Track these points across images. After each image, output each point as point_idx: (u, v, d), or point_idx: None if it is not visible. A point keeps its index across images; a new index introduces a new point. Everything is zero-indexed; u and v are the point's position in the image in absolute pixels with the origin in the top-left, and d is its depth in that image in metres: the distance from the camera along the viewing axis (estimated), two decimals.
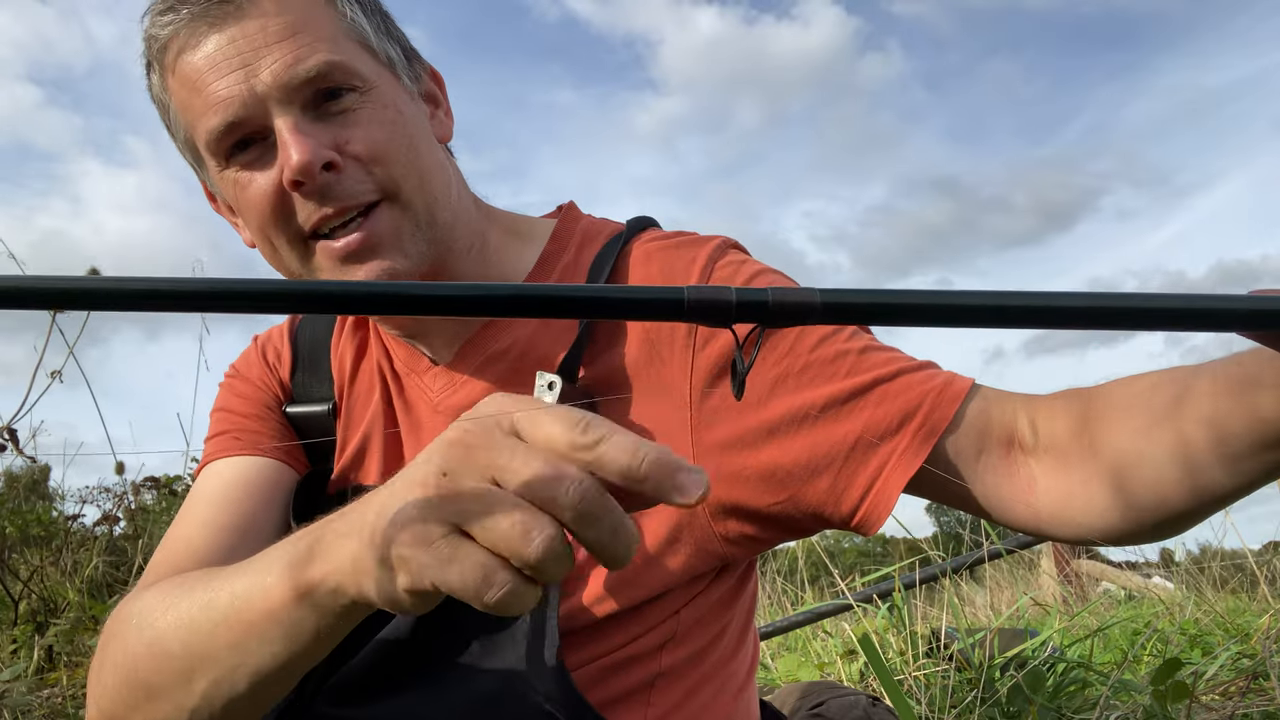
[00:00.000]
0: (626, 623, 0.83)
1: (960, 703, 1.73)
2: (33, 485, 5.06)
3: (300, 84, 0.77)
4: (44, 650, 2.51)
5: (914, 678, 1.84)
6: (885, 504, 0.77)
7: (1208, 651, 2.28)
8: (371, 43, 0.82)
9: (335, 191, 0.77)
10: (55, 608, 2.90)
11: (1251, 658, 2.05)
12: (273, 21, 0.77)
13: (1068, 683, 1.83)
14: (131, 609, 0.78)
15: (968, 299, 0.40)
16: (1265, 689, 1.75)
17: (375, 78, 0.81)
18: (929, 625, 2.37)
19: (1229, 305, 0.41)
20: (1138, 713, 1.65)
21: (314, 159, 0.75)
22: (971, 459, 0.75)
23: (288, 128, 0.76)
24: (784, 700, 1.50)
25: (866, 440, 0.76)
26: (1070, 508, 0.72)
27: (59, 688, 2.23)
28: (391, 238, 0.79)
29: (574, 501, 0.50)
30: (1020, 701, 1.71)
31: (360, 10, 0.83)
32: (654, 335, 0.83)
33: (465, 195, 0.89)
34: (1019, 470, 0.74)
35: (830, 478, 0.78)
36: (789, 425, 0.78)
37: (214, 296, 0.39)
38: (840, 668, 2.18)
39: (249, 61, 0.76)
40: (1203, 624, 2.67)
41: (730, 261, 0.85)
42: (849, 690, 1.46)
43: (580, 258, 0.89)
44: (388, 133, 0.79)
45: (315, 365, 0.99)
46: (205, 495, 0.91)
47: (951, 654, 1.91)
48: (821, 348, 0.79)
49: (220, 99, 0.76)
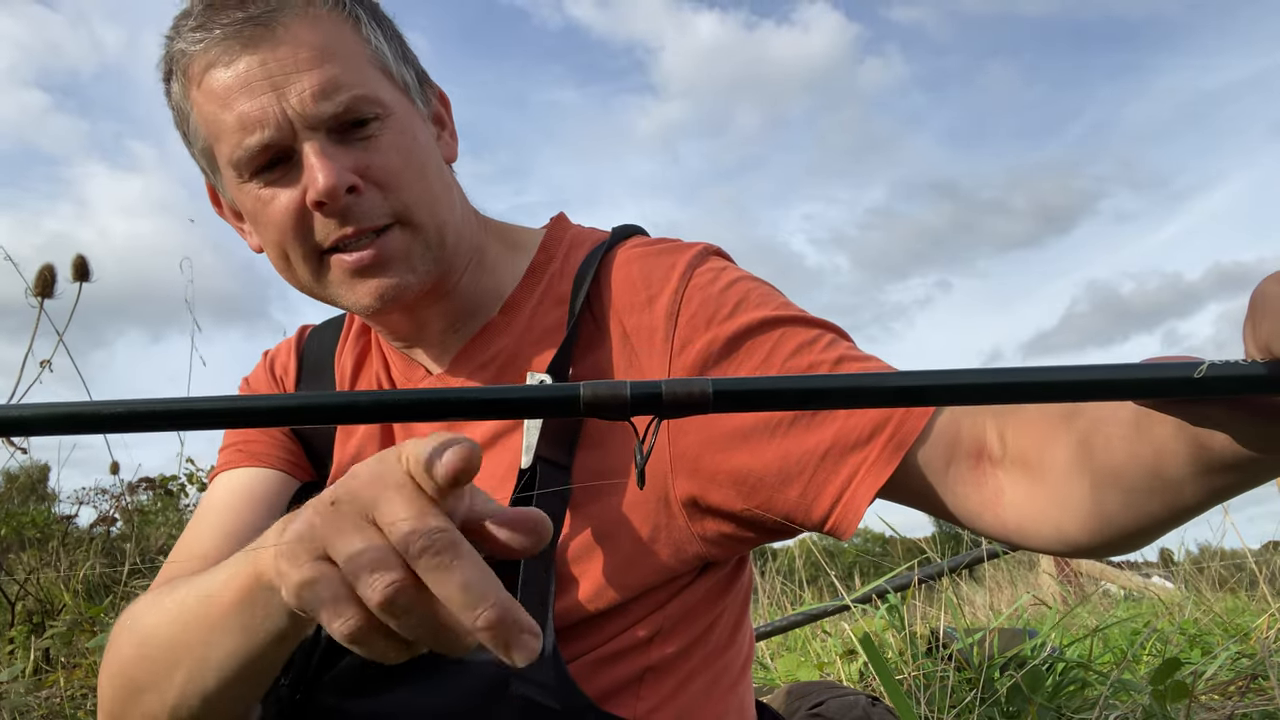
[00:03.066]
0: (613, 618, 0.85)
1: (960, 702, 1.73)
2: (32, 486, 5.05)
3: (330, 115, 0.80)
4: (41, 652, 2.50)
5: (913, 677, 1.84)
6: (854, 513, 0.78)
7: (1207, 651, 2.27)
8: (391, 69, 0.86)
9: (354, 213, 0.82)
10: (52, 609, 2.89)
11: (1250, 657, 2.05)
12: (304, 48, 0.80)
13: (1067, 682, 1.83)
14: (129, 612, 0.81)
15: (849, 381, 0.44)
16: (1264, 689, 1.75)
17: (394, 104, 0.85)
18: (928, 625, 2.37)
19: (1124, 376, 0.43)
20: (1137, 712, 1.64)
21: (339, 183, 0.79)
22: (941, 469, 0.76)
23: (314, 152, 0.80)
24: (783, 700, 1.50)
25: (837, 450, 0.77)
26: (1032, 520, 0.72)
27: (56, 689, 2.22)
28: (401, 256, 0.84)
29: (412, 567, 0.50)
30: (1020, 701, 1.71)
31: (382, 37, 0.87)
32: (633, 337, 0.86)
33: (468, 211, 0.93)
34: (987, 481, 0.74)
35: (800, 486, 0.79)
36: (761, 432, 0.80)
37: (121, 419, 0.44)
38: (840, 668, 2.18)
39: (279, 85, 0.79)
40: (1202, 624, 2.67)
41: (709, 269, 0.87)
42: (848, 690, 1.46)
43: (566, 266, 0.92)
44: (404, 159, 0.83)
45: (319, 376, 1.03)
46: (213, 504, 0.96)
47: (951, 654, 1.91)
48: (797, 357, 0.81)
49: (252, 119, 0.80)
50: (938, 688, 1.74)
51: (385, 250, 0.83)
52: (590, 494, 0.84)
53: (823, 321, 0.84)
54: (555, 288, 0.92)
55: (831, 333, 0.83)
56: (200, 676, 0.71)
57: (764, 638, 2.51)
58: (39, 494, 4.81)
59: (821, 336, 0.82)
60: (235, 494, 0.95)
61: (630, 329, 0.86)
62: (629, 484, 0.84)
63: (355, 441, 0.99)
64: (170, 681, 0.72)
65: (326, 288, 0.86)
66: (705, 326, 0.83)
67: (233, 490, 0.96)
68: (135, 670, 0.76)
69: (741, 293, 0.85)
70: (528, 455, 0.82)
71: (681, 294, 0.85)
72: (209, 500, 0.97)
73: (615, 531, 0.84)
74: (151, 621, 0.76)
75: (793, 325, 0.82)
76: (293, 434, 1.01)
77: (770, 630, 2.45)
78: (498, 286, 0.93)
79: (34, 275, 2.70)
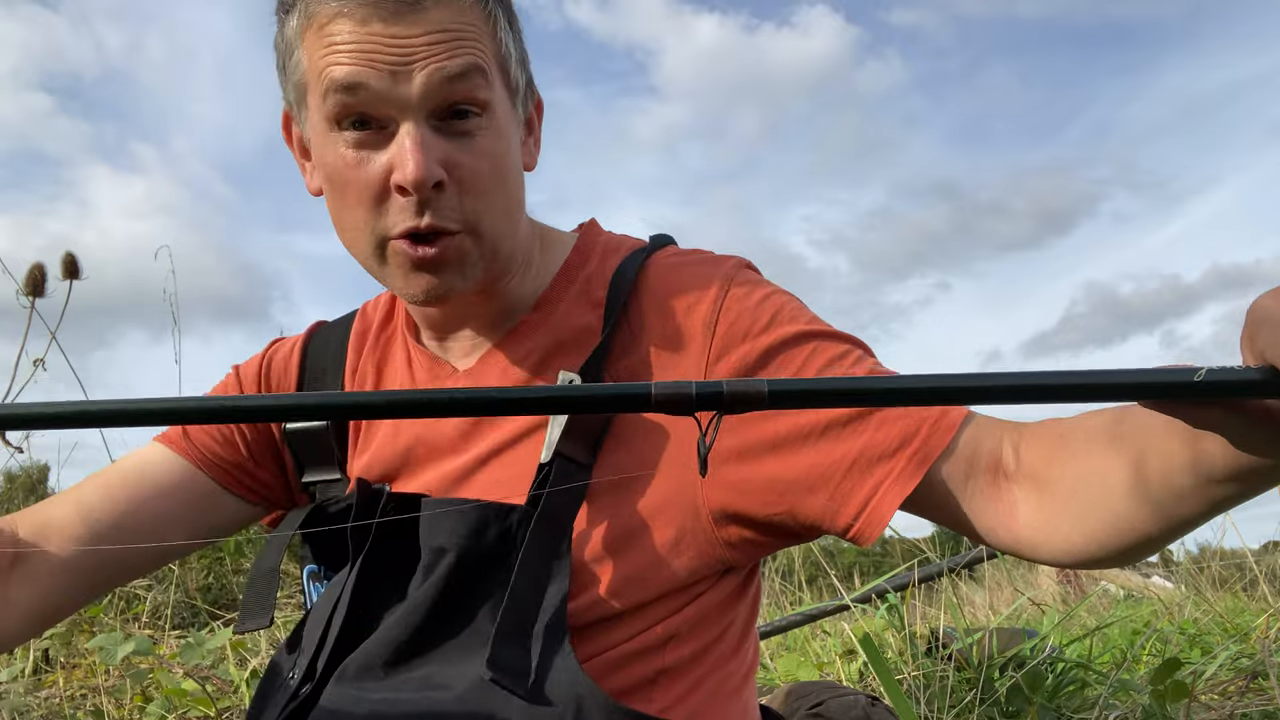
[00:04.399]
0: (631, 620, 0.85)
1: (959, 702, 1.73)
2: (31, 486, 5.05)
3: (441, 82, 0.79)
4: (40, 652, 2.50)
5: (913, 677, 1.84)
6: (879, 522, 0.80)
7: (1207, 651, 2.27)
8: (511, 70, 0.86)
9: (433, 208, 0.81)
10: None
11: (1250, 657, 2.05)
12: (434, 31, 0.79)
13: (1067, 682, 1.83)
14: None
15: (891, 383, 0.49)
16: (1264, 688, 1.75)
17: (499, 105, 0.84)
18: (928, 625, 2.37)
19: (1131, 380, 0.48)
20: (1136, 712, 1.64)
21: (429, 176, 0.79)
22: (960, 484, 0.79)
23: (411, 136, 0.79)
24: (782, 700, 1.50)
25: (864, 461, 0.80)
26: (1042, 533, 0.75)
27: (56, 689, 2.23)
28: (456, 260, 0.84)
29: None
30: (1019, 701, 1.71)
31: (512, 37, 0.86)
32: (669, 343, 0.88)
33: (525, 221, 0.94)
34: (1003, 496, 0.77)
35: (827, 494, 0.81)
36: (793, 441, 0.82)
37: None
38: (839, 668, 2.18)
39: (399, 61, 0.78)
40: (1202, 624, 2.68)
41: (745, 282, 0.90)
42: (848, 690, 1.46)
43: (600, 270, 0.94)
44: (492, 167, 0.84)
45: (323, 374, 1.03)
46: (122, 468, 0.98)
47: (951, 654, 1.91)
48: (829, 370, 0.83)
49: (357, 81, 0.79)
50: (937, 688, 1.74)
51: (446, 253, 0.83)
52: (614, 494, 0.85)
53: (850, 337, 0.87)
54: (589, 290, 0.93)
55: (859, 349, 0.86)
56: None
57: (764, 638, 2.51)
58: (39, 494, 4.82)
59: (851, 351, 0.85)
60: (145, 471, 0.97)
61: (667, 335, 0.88)
62: (655, 485, 0.85)
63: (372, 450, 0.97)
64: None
65: (383, 266, 0.86)
66: (742, 339, 0.85)
67: (148, 464, 0.98)
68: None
69: (776, 307, 0.87)
70: (548, 450, 0.83)
71: (720, 305, 0.87)
72: (124, 462, 0.99)
73: (640, 532, 0.85)
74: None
75: (824, 340, 0.85)
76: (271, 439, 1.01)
77: (770, 630, 2.45)
78: (534, 286, 0.95)
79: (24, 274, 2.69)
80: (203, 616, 3.14)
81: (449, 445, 0.92)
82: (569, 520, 0.82)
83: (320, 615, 0.86)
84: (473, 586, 0.82)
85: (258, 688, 0.89)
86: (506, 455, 0.88)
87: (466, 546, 0.81)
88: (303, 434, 1.00)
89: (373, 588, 0.85)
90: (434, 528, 0.83)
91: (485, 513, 0.82)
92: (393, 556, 0.86)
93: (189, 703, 2.00)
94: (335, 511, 0.92)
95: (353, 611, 0.84)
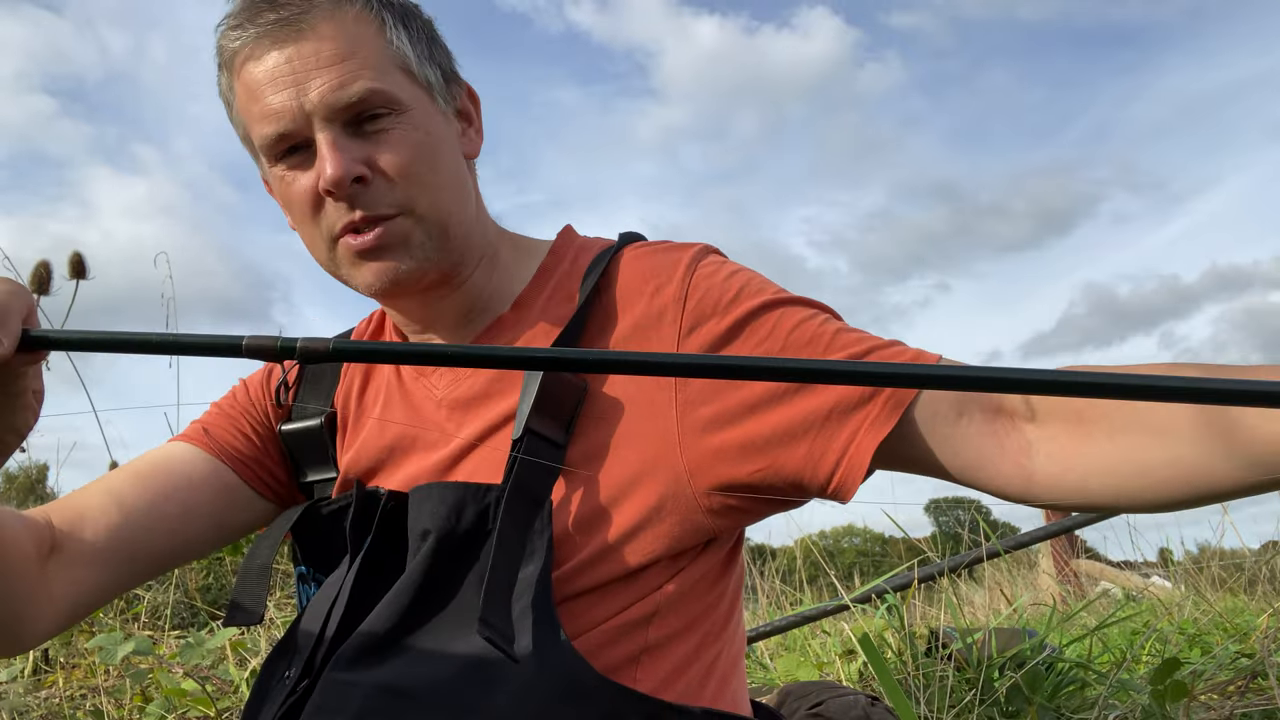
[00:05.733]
0: (614, 594, 0.87)
1: (959, 702, 1.73)
2: (31, 486, 5.05)
3: (342, 107, 0.87)
4: (40, 652, 2.50)
5: (913, 677, 1.84)
6: (858, 469, 0.81)
7: (1206, 651, 2.28)
8: (412, 68, 0.92)
9: (362, 201, 0.88)
10: None
11: (1250, 657, 2.05)
12: (326, 46, 0.87)
13: (1066, 682, 1.83)
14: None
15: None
16: (1263, 688, 1.75)
17: (411, 101, 0.91)
18: (928, 625, 2.37)
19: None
20: (1136, 712, 1.65)
21: (346, 173, 0.86)
22: (950, 420, 0.79)
23: (326, 143, 0.87)
24: (782, 700, 1.50)
25: (839, 410, 0.82)
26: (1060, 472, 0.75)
27: (55, 689, 2.22)
28: (400, 242, 0.90)
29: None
30: (1019, 701, 1.71)
31: (406, 37, 0.92)
32: (642, 323, 0.91)
33: (482, 213, 1.00)
34: (1010, 433, 0.77)
35: (807, 444, 0.83)
36: (767, 402, 0.85)
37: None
38: (839, 667, 2.18)
39: (301, 81, 0.87)
40: (1201, 624, 2.68)
41: (711, 262, 0.94)
42: (848, 690, 1.46)
43: (575, 267, 0.99)
44: (413, 154, 0.89)
45: (318, 382, 1.08)
46: (150, 459, 1.01)
47: (950, 654, 1.91)
48: (798, 330, 0.87)
49: (274, 110, 0.87)
50: (937, 688, 1.74)
51: (387, 235, 0.89)
52: (594, 468, 0.88)
53: (816, 302, 0.91)
54: (564, 286, 0.98)
55: (826, 312, 0.90)
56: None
57: (763, 637, 2.51)
58: (38, 494, 4.82)
59: (817, 315, 0.88)
60: (172, 465, 1.00)
61: (639, 316, 0.92)
62: (634, 458, 0.87)
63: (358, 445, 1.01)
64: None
65: (339, 268, 0.93)
66: (711, 313, 0.89)
67: (174, 458, 1.00)
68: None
69: (742, 281, 0.91)
70: (519, 427, 0.86)
71: (688, 283, 0.91)
72: (150, 455, 1.02)
73: (622, 502, 0.87)
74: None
75: (790, 305, 0.89)
76: (277, 442, 1.05)
77: (770, 630, 2.45)
78: (510, 286, 1.00)
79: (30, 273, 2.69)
80: (202, 617, 3.14)
81: (433, 438, 0.95)
82: (544, 494, 0.85)
83: (317, 614, 0.86)
84: (455, 566, 0.84)
85: (253, 689, 0.89)
86: (490, 442, 0.91)
87: (446, 527, 0.83)
88: (299, 433, 1.04)
89: (369, 587, 0.86)
90: (418, 514, 0.85)
91: (463, 493, 0.84)
92: (387, 555, 0.87)
93: (189, 703, 2.01)
94: (328, 512, 0.94)
95: (351, 609, 0.85)
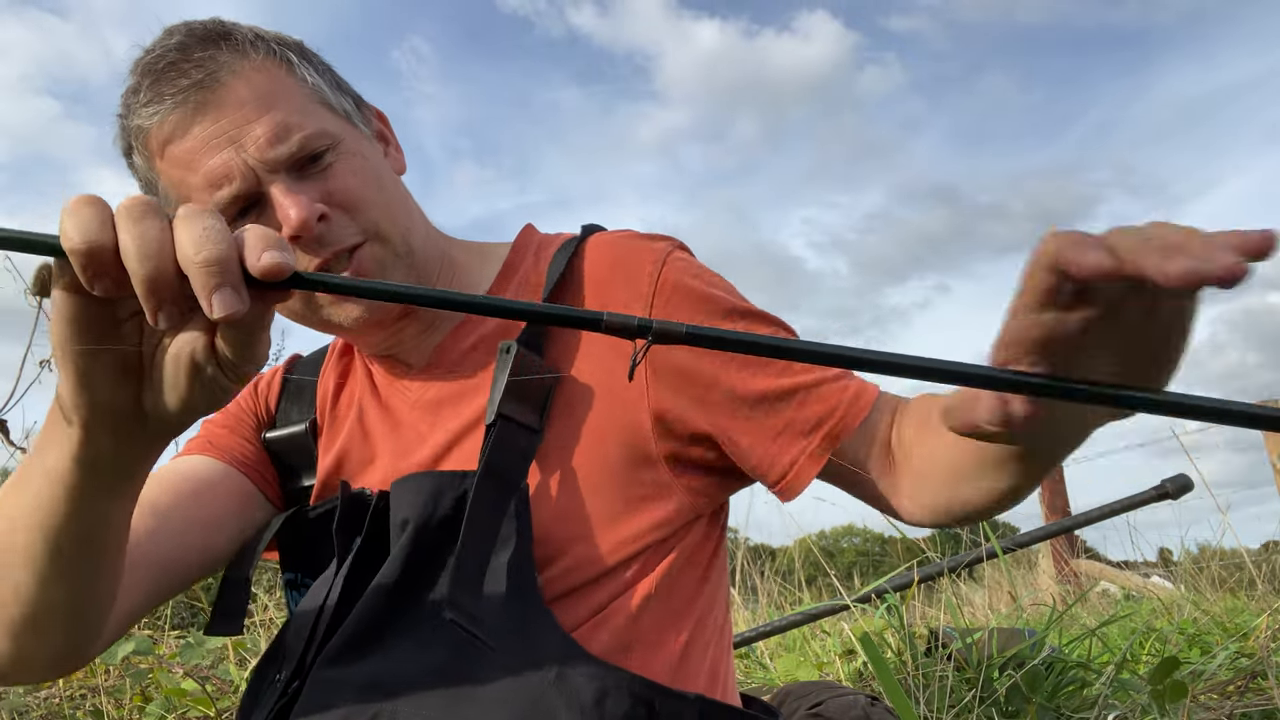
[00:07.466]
0: (600, 584, 0.89)
1: (959, 702, 1.73)
2: None
3: (269, 144, 0.86)
4: None
5: (913, 677, 1.84)
6: (799, 487, 0.91)
7: (1206, 651, 2.28)
8: (330, 101, 0.93)
9: (328, 239, 0.89)
10: None
11: (1250, 657, 2.05)
12: (249, 101, 0.86)
13: (1066, 682, 1.83)
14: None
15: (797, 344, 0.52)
16: (1263, 688, 1.75)
17: (340, 132, 0.92)
18: (928, 625, 2.37)
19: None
20: (1136, 712, 1.65)
21: (310, 214, 0.86)
22: (864, 460, 0.90)
23: (281, 191, 0.86)
24: (782, 700, 1.50)
25: (788, 435, 0.90)
26: (907, 503, 0.88)
27: (56, 689, 2.23)
28: (376, 270, 0.91)
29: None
30: (1019, 701, 1.71)
31: (315, 73, 0.93)
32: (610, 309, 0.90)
33: (426, 222, 1.01)
34: (891, 470, 0.89)
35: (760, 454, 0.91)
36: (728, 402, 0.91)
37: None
38: (839, 667, 2.18)
39: (236, 139, 0.86)
40: (1201, 623, 2.68)
41: (680, 257, 0.97)
42: (847, 690, 1.46)
43: (539, 262, 1.01)
44: (361, 180, 0.91)
45: (299, 395, 1.10)
46: (174, 466, 1.01)
47: (950, 654, 1.91)
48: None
49: (218, 175, 0.86)
50: (937, 688, 1.74)
51: (361, 267, 0.89)
52: (569, 456, 0.90)
53: (776, 319, 0.96)
54: (530, 279, 0.99)
55: (787, 331, 0.95)
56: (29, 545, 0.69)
57: (763, 638, 2.51)
58: None
59: (779, 331, 0.94)
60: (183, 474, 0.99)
61: (607, 302, 0.93)
62: (608, 443, 0.90)
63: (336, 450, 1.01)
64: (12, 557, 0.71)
65: (317, 312, 0.93)
66: (682, 300, 0.92)
67: (181, 470, 1.01)
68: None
69: (713, 279, 0.96)
70: (490, 412, 0.88)
71: (659, 275, 0.93)
72: (170, 463, 1.02)
73: (600, 489, 0.89)
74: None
75: (754, 320, 0.94)
76: (264, 447, 1.06)
77: (769, 630, 2.45)
78: (474, 286, 1.01)
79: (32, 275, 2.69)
80: (202, 617, 3.14)
81: (414, 436, 0.96)
82: (518, 478, 0.85)
83: (306, 616, 0.86)
84: (434, 553, 0.84)
85: (244, 693, 0.89)
86: (467, 440, 0.92)
87: (424, 515, 0.84)
88: (285, 440, 1.05)
89: (361, 586, 0.86)
90: (398, 504, 0.86)
91: (440, 481, 0.85)
92: (377, 552, 0.87)
93: (189, 703, 2.01)
94: (315, 516, 0.95)
95: (341, 607, 0.85)
